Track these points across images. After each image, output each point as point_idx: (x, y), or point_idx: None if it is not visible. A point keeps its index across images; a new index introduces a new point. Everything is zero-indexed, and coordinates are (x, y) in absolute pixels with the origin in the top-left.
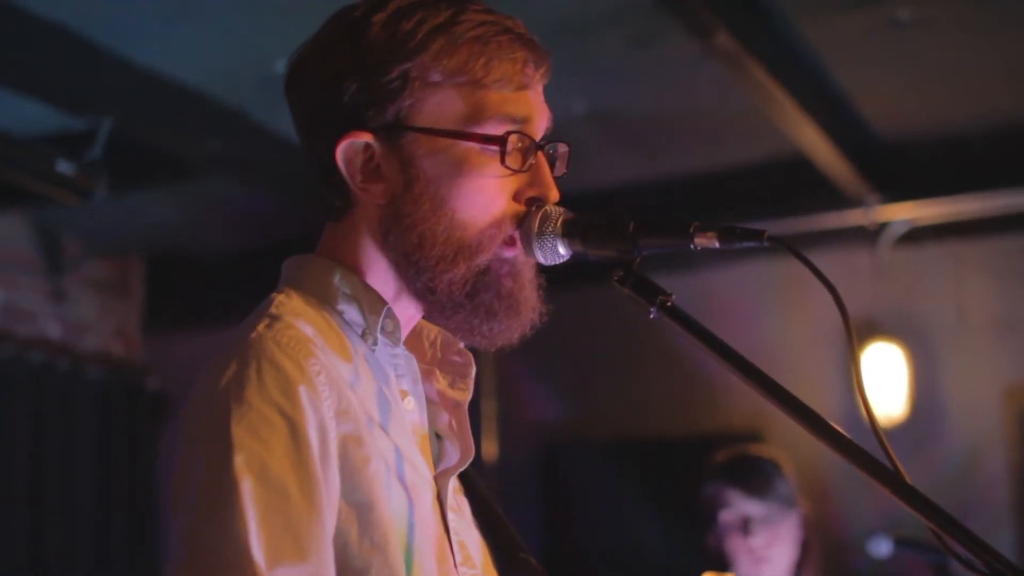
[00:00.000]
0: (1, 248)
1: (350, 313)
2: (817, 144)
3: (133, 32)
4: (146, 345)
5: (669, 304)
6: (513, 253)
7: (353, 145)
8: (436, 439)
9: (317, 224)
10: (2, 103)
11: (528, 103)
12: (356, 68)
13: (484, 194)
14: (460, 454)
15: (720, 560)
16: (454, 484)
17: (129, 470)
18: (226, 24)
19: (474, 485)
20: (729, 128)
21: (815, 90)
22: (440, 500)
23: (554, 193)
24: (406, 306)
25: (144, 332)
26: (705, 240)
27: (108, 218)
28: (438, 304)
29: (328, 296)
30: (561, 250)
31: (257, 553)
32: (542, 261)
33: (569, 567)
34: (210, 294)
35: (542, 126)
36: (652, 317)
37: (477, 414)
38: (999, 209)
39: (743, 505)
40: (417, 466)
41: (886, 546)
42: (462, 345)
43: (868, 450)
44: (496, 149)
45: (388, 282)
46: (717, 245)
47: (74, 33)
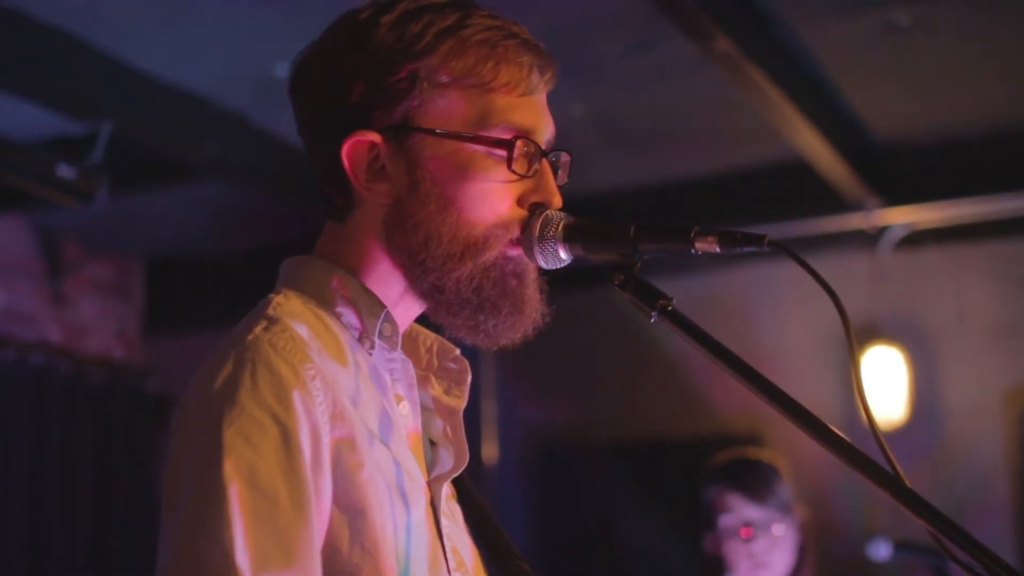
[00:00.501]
0: (1, 252)
1: (348, 316)
2: (816, 148)
3: (133, 36)
4: (146, 348)
5: (669, 308)
6: (517, 252)
7: (359, 144)
8: (430, 445)
9: (317, 226)
10: (3, 107)
11: (534, 109)
12: (364, 68)
13: (490, 197)
14: (454, 460)
15: (718, 564)
16: (447, 490)
17: (129, 472)
18: (226, 28)
19: (468, 491)
20: (728, 132)
21: (814, 94)
22: (433, 506)
23: (557, 199)
24: (406, 308)
25: (144, 335)
26: (706, 244)
27: (108, 221)
28: (445, 303)
29: (326, 298)
30: (562, 254)
31: (242, 560)
32: (543, 265)
33: (567, 569)
34: (210, 297)
35: (547, 133)
36: (653, 321)
37: (477, 416)
38: (999, 213)
39: (743, 509)
40: (412, 473)
41: (885, 549)
42: (458, 352)
43: (867, 453)
44: (503, 153)
45: (390, 284)
46: (718, 249)
47: (75, 38)
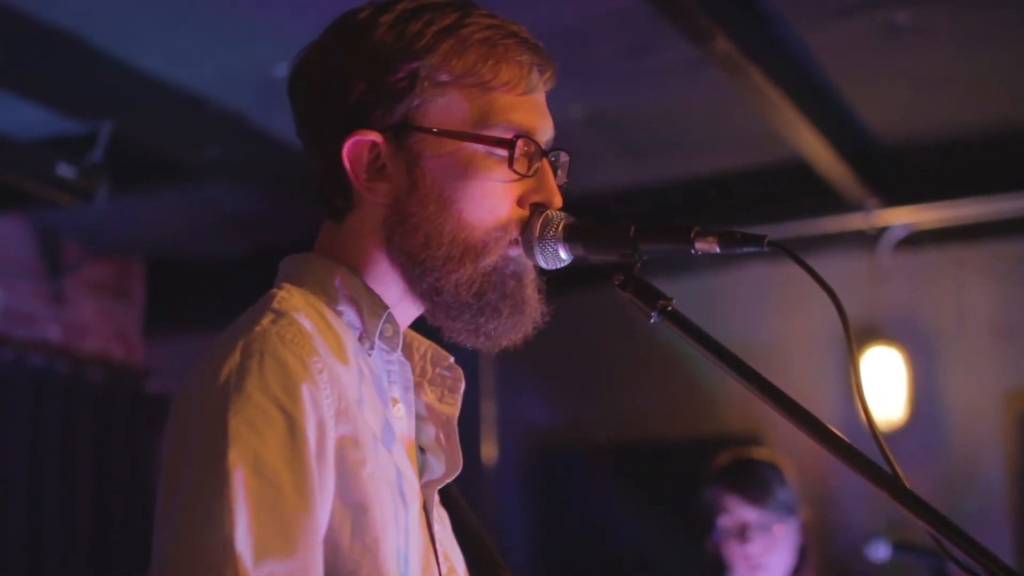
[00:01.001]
0: (1, 251)
1: (349, 315)
2: (817, 148)
3: (133, 37)
4: (146, 348)
5: (669, 308)
6: (517, 252)
7: (359, 144)
8: (420, 452)
9: (316, 227)
10: (3, 107)
11: (534, 108)
12: (364, 67)
13: (490, 197)
14: (446, 468)
15: (719, 565)
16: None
17: (128, 473)
18: (225, 29)
19: (452, 497)
20: (728, 133)
21: (814, 94)
22: (426, 510)
23: (558, 199)
24: (406, 310)
25: (144, 335)
26: (706, 245)
27: (108, 221)
28: (444, 305)
29: (328, 296)
30: (562, 254)
31: (242, 546)
32: (543, 265)
33: (566, 570)
34: (210, 297)
35: (547, 132)
36: (652, 322)
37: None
38: (999, 213)
39: (741, 511)
40: (407, 475)
41: (885, 550)
42: (452, 360)
43: (867, 454)
44: (503, 153)
45: (390, 284)
46: (718, 250)
47: (75, 38)
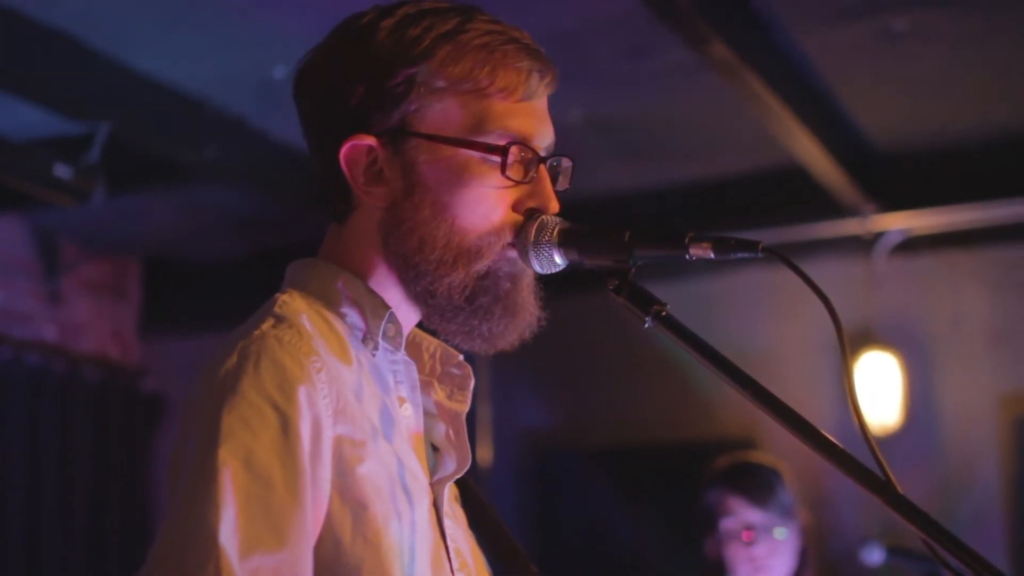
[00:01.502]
0: None
1: (352, 316)
2: (813, 154)
3: (131, 38)
4: (142, 348)
5: (664, 314)
6: (513, 255)
7: (357, 147)
8: (433, 450)
9: (314, 229)
10: (1, 107)
11: (532, 114)
12: (364, 71)
13: (484, 203)
14: (456, 463)
15: (719, 568)
16: (450, 492)
17: (125, 472)
18: (224, 30)
19: (473, 494)
20: (725, 138)
21: (811, 100)
22: (436, 506)
23: (554, 205)
24: (408, 311)
25: (140, 335)
26: (700, 251)
27: (105, 221)
28: (437, 308)
29: (331, 299)
30: (557, 259)
31: (227, 540)
32: (538, 270)
33: (561, 574)
34: (206, 297)
35: (546, 138)
36: (647, 327)
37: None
38: (995, 219)
39: (745, 513)
40: (413, 470)
41: (878, 554)
42: (461, 358)
43: (860, 459)
44: (497, 159)
45: (390, 286)
46: (712, 255)
47: (73, 39)
